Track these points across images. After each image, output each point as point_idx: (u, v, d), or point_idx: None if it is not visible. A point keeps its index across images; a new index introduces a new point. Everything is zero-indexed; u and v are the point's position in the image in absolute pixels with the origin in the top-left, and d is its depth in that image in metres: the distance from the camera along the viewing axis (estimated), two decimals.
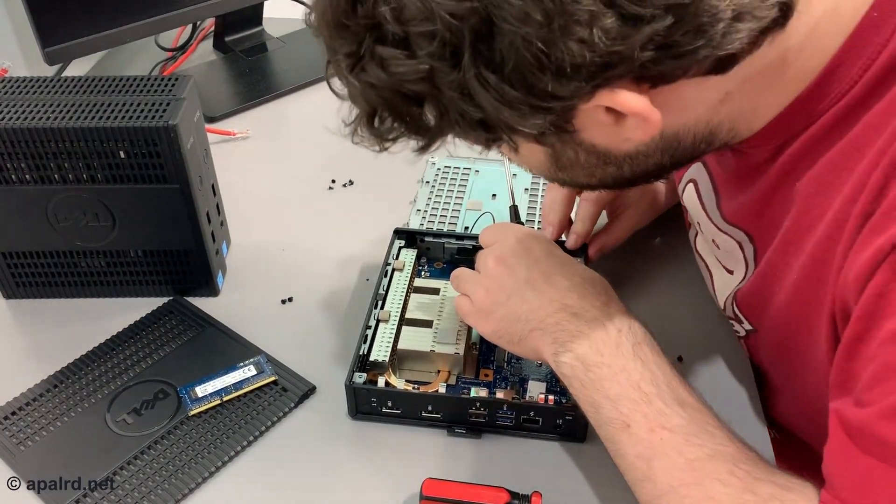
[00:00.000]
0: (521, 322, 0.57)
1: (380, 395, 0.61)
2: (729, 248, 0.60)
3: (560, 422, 0.59)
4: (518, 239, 0.61)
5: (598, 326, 0.54)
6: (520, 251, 0.60)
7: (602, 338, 0.53)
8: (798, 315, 0.52)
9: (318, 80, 1.07)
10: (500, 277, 0.59)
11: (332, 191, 0.88)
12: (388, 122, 0.46)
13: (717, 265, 0.64)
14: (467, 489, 0.54)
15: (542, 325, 0.55)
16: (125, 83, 0.68)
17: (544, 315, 0.56)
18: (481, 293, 0.59)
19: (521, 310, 0.57)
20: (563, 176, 0.53)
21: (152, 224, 0.68)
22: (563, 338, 0.54)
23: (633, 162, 0.50)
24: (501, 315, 0.58)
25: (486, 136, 0.45)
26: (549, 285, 0.57)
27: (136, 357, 0.67)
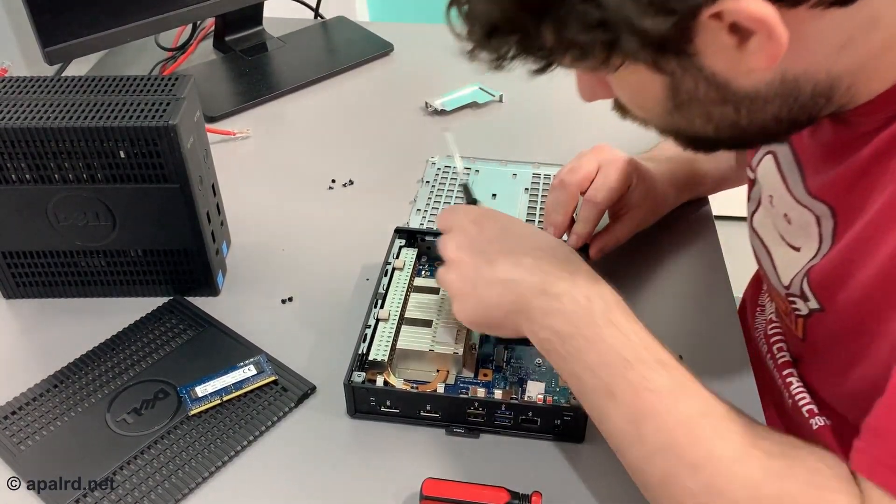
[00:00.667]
0: (493, 308, 0.56)
1: (378, 395, 0.61)
2: (803, 223, 0.59)
3: (558, 422, 0.59)
4: (472, 221, 0.60)
5: (568, 299, 0.53)
6: (475, 235, 0.59)
7: (573, 309, 0.53)
8: (881, 296, 0.51)
9: (318, 80, 1.07)
10: (462, 267, 0.58)
11: (332, 191, 0.88)
12: (507, 38, 0.45)
13: (780, 242, 0.63)
14: (467, 489, 0.54)
15: (514, 306, 0.55)
16: (125, 83, 0.68)
17: (514, 297, 0.55)
18: (452, 285, 0.58)
19: (490, 296, 0.56)
20: (679, 118, 0.51)
21: (152, 224, 0.68)
22: (536, 315, 0.54)
23: (752, 107, 0.48)
24: (473, 305, 0.57)
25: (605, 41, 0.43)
26: (511, 266, 0.56)
27: (136, 357, 0.67)
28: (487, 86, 1.04)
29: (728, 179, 0.83)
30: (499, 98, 1.02)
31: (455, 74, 1.08)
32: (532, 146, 0.94)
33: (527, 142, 0.96)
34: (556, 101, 1.04)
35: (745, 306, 0.85)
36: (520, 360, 0.65)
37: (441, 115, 1.00)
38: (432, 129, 0.98)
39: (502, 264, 0.56)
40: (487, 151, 0.91)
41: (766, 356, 0.73)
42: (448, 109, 1.00)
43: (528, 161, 0.89)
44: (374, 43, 1.14)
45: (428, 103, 1.00)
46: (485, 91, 1.03)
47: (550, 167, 0.88)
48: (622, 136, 0.98)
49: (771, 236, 0.65)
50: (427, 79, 1.08)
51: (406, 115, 1.00)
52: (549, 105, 1.03)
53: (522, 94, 1.04)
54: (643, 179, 0.73)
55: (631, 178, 0.72)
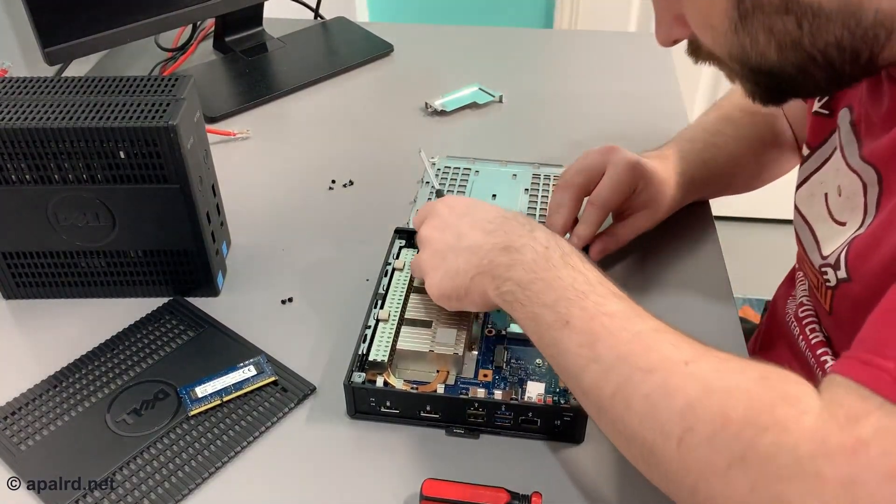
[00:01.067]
0: (460, 275, 0.59)
1: (378, 395, 0.61)
2: (851, 192, 0.59)
3: (558, 423, 0.59)
4: (442, 203, 0.64)
5: (527, 250, 0.55)
6: (444, 214, 0.63)
7: (532, 258, 0.55)
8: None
9: (318, 80, 1.07)
10: (433, 243, 0.62)
11: (332, 191, 0.88)
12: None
13: (825, 219, 0.63)
14: (467, 489, 0.54)
15: (478, 268, 0.57)
16: (125, 83, 0.68)
17: (478, 260, 0.57)
18: (424, 263, 0.62)
19: (458, 263, 0.59)
20: (744, 36, 0.51)
21: (152, 224, 0.68)
22: (500, 271, 0.56)
23: (814, 22, 0.48)
24: (441, 275, 0.60)
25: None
26: (476, 232, 0.59)
27: (136, 357, 0.67)
28: (487, 86, 1.04)
29: (735, 184, 0.83)
30: (499, 98, 1.02)
31: (455, 74, 1.08)
32: (532, 146, 0.94)
33: (527, 142, 0.96)
34: (556, 101, 1.04)
35: (777, 302, 0.84)
36: (520, 361, 0.65)
37: (441, 115, 1.00)
38: (432, 129, 0.98)
39: (468, 233, 0.60)
40: (487, 151, 0.91)
41: (797, 339, 0.73)
42: (448, 110, 1.00)
43: (528, 161, 0.89)
44: (374, 43, 1.14)
45: (428, 103, 1.00)
46: (485, 91, 1.03)
47: (550, 167, 0.88)
48: (622, 137, 0.98)
49: (815, 212, 0.66)
50: (427, 79, 1.08)
51: (406, 115, 1.00)
52: (549, 105, 1.03)
53: (522, 94, 1.04)
54: (650, 183, 0.73)
55: (637, 182, 0.72)
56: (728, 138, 0.80)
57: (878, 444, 0.38)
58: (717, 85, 1.86)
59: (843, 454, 0.38)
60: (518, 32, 1.23)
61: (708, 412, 0.43)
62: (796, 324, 0.73)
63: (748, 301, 1.90)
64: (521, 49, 1.18)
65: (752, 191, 0.86)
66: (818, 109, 0.68)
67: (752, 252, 2.00)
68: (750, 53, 0.53)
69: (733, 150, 0.80)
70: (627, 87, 1.06)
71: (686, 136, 0.81)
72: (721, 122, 0.82)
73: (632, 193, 0.73)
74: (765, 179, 0.86)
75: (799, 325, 0.73)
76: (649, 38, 1.22)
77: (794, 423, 0.40)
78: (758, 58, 0.52)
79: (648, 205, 0.74)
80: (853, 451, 0.38)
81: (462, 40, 1.19)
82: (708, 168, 0.79)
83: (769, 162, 0.84)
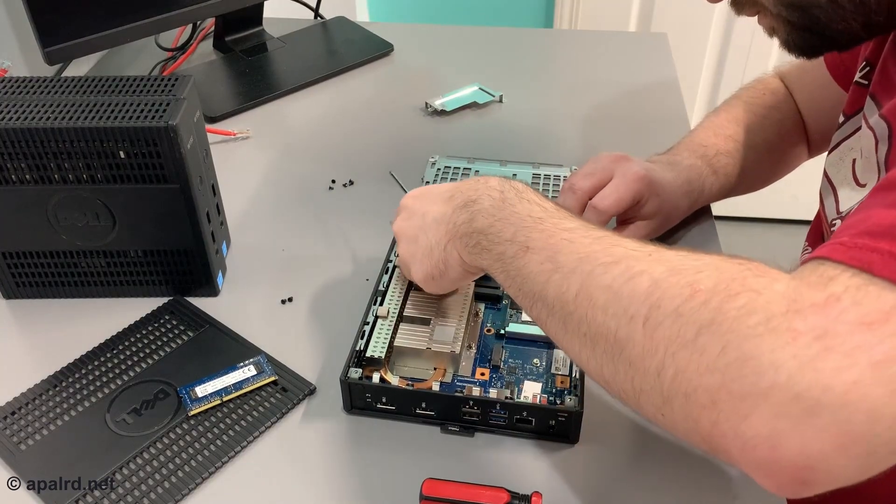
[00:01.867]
0: (435, 250, 0.59)
1: (374, 391, 0.61)
2: (869, 151, 0.59)
3: (553, 423, 0.59)
4: (405, 197, 0.65)
5: (483, 199, 0.55)
6: (409, 204, 0.63)
7: (490, 204, 0.55)
8: None
9: (318, 80, 1.07)
10: (405, 232, 0.62)
11: (332, 191, 0.88)
12: None
13: (849, 182, 0.64)
14: (467, 489, 0.54)
15: (448, 236, 0.57)
16: (125, 83, 0.68)
17: (445, 227, 0.58)
18: (403, 256, 0.63)
19: (429, 239, 0.59)
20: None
21: (152, 224, 0.69)
22: (464, 229, 0.56)
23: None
24: (419, 258, 0.61)
25: None
26: (437, 205, 0.59)
27: (136, 357, 0.67)
28: (487, 86, 1.04)
29: (742, 189, 0.83)
30: (499, 98, 1.02)
31: (455, 74, 1.08)
32: (532, 146, 0.94)
33: (527, 142, 0.96)
34: (556, 102, 1.04)
35: None
36: (517, 360, 0.65)
37: (441, 115, 1.00)
38: (432, 129, 0.98)
39: (430, 209, 0.60)
40: (487, 151, 0.91)
41: None
42: (448, 109, 1.00)
43: (528, 161, 0.89)
44: (374, 43, 1.14)
45: (428, 103, 1.00)
46: (485, 91, 1.03)
47: (550, 167, 0.88)
48: (622, 137, 0.99)
49: (841, 176, 0.66)
50: (427, 79, 1.08)
51: (406, 115, 1.00)
52: (549, 105, 1.03)
53: (522, 94, 1.04)
54: (656, 194, 0.73)
55: (643, 194, 0.72)
56: (739, 145, 0.80)
57: (849, 297, 0.37)
58: (717, 85, 1.86)
59: (814, 308, 0.37)
60: (518, 32, 1.23)
61: (675, 287, 0.41)
62: None
63: None
64: (521, 49, 1.18)
65: (753, 192, 0.86)
66: (858, 80, 0.68)
67: (752, 252, 2.00)
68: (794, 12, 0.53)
69: (744, 157, 0.80)
70: (627, 86, 1.06)
71: (697, 139, 0.80)
72: (732, 126, 0.81)
73: (636, 204, 0.72)
74: (771, 180, 0.86)
75: None
76: (649, 37, 1.23)
77: (765, 288, 0.39)
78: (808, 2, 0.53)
79: (654, 215, 0.74)
80: (824, 304, 0.37)
81: (462, 40, 1.20)
82: (718, 177, 0.78)
83: (777, 164, 0.85)
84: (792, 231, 2.04)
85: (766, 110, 0.83)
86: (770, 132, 0.82)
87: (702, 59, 1.83)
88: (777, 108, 0.83)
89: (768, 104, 0.83)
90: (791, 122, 0.83)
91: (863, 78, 0.67)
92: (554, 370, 0.63)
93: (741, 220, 2.07)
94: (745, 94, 0.85)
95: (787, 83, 0.85)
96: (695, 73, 1.85)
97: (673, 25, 1.68)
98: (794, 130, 0.84)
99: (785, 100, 0.84)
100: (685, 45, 1.73)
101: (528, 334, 0.66)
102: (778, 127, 0.82)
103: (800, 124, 0.84)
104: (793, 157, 0.85)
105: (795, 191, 1.55)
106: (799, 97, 0.84)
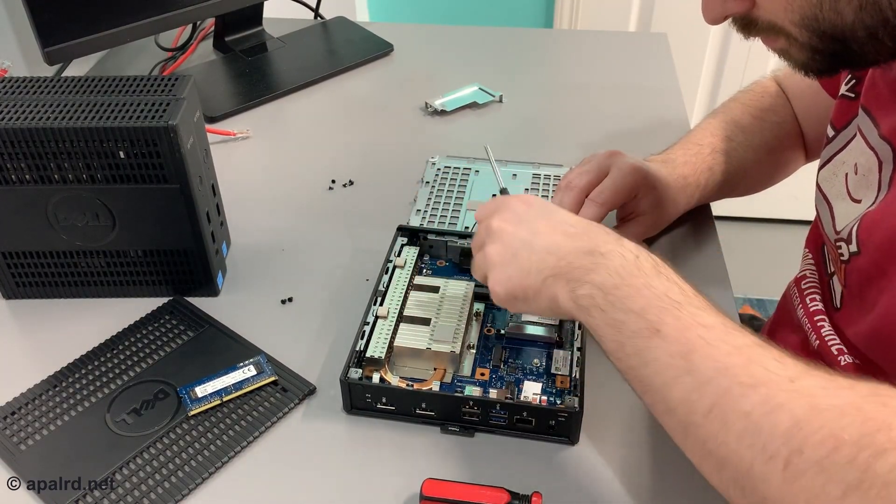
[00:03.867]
0: (532, 274, 0.54)
1: (374, 391, 0.61)
2: (867, 169, 0.59)
3: (553, 423, 0.59)
4: (517, 199, 0.59)
5: (614, 256, 0.51)
6: (520, 210, 0.58)
7: (620, 264, 0.50)
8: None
9: (318, 80, 1.07)
10: (504, 237, 0.56)
11: (332, 191, 0.88)
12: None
13: (843, 197, 0.64)
14: (467, 489, 0.54)
15: (554, 270, 0.53)
16: (125, 83, 0.68)
17: (555, 260, 0.53)
18: (492, 257, 0.57)
19: (531, 262, 0.54)
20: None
21: (152, 224, 0.69)
22: (579, 274, 0.52)
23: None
24: (510, 273, 0.55)
25: None
26: (555, 234, 0.54)
27: (136, 357, 0.67)
28: (487, 86, 1.04)
29: (739, 190, 0.83)
30: (499, 98, 1.02)
31: (455, 74, 1.08)
32: (532, 146, 0.94)
33: (527, 142, 0.96)
34: (555, 101, 1.04)
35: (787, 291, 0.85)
36: (518, 361, 0.65)
37: (441, 115, 1.00)
38: (432, 129, 0.98)
39: (546, 233, 0.55)
40: None
41: (797, 308, 0.73)
42: (448, 109, 1.00)
43: (528, 161, 0.89)
44: (374, 43, 1.14)
45: (428, 103, 1.00)
46: (485, 91, 1.03)
47: (550, 167, 0.88)
48: (622, 137, 0.99)
49: (835, 190, 0.66)
50: (427, 79, 1.08)
51: (406, 115, 1.00)
52: (549, 105, 1.03)
53: (522, 94, 1.04)
54: (653, 188, 0.73)
55: (639, 186, 0.72)
56: (736, 144, 0.80)
57: None
58: (717, 85, 1.86)
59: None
60: (518, 32, 1.23)
61: (818, 433, 0.39)
62: (797, 293, 0.74)
63: (748, 301, 1.90)
64: (521, 49, 1.18)
65: (752, 194, 0.86)
66: (845, 93, 0.68)
67: (752, 252, 2.00)
68: (825, 16, 0.50)
69: (741, 157, 0.80)
70: (627, 86, 1.06)
71: (693, 139, 0.81)
72: (729, 127, 0.81)
73: (633, 198, 0.72)
74: (768, 184, 0.86)
75: (800, 294, 0.74)
76: (649, 37, 1.23)
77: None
78: (832, 20, 0.50)
79: (652, 210, 0.74)
80: None
81: (462, 40, 1.20)
82: (714, 174, 0.78)
83: (774, 167, 0.85)
84: (792, 231, 2.04)
85: (764, 112, 0.83)
86: (768, 134, 0.82)
87: (702, 59, 1.83)
88: (775, 111, 0.83)
89: (766, 107, 0.83)
90: (789, 126, 0.83)
91: (849, 91, 0.67)
92: (554, 370, 0.63)
93: (741, 220, 2.07)
94: (743, 97, 0.85)
95: (783, 87, 0.85)
96: (695, 73, 1.85)
97: (673, 25, 1.68)
98: (792, 133, 0.84)
99: (783, 103, 0.84)
100: (685, 45, 1.73)
101: (528, 334, 0.66)
102: (776, 129, 0.82)
103: (797, 128, 0.84)
104: (791, 160, 0.86)
105: (795, 191, 1.55)
106: (795, 101, 0.84)
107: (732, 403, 0.43)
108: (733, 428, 0.42)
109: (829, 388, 0.42)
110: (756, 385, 0.42)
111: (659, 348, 0.47)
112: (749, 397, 0.42)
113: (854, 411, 0.40)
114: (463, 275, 0.73)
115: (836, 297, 0.69)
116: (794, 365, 0.44)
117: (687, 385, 0.45)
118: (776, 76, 0.87)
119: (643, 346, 0.47)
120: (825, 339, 0.67)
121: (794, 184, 0.92)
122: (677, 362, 0.46)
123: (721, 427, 0.43)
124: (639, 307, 0.48)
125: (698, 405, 0.44)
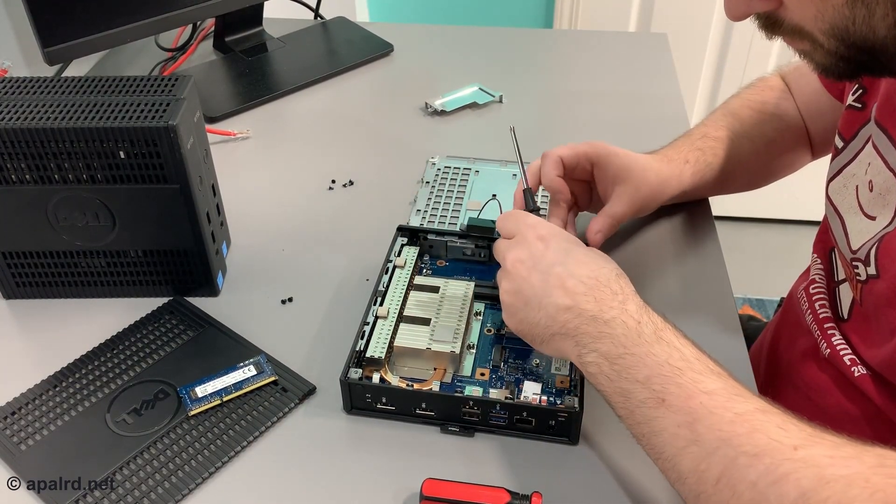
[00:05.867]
0: (539, 327, 0.57)
1: (374, 391, 0.61)
2: (885, 189, 0.59)
3: (553, 423, 0.59)
4: (538, 237, 0.59)
5: (617, 324, 0.53)
6: (537, 249, 0.59)
7: (623, 332, 0.52)
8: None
9: (318, 80, 1.07)
10: (517, 281, 0.58)
11: (332, 191, 0.88)
12: None
13: (855, 211, 0.63)
14: (467, 489, 0.54)
15: (562, 330, 0.55)
16: (125, 83, 0.68)
17: (563, 322, 0.55)
18: (505, 294, 0.59)
19: (539, 316, 0.56)
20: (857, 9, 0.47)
21: (152, 224, 0.69)
22: (585, 340, 0.54)
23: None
24: (520, 319, 0.58)
25: None
26: (564, 292, 0.56)
27: (136, 357, 0.67)
28: (487, 86, 1.04)
29: (738, 183, 0.82)
30: (499, 98, 1.02)
31: (455, 74, 1.08)
32: (532, 146, 0.94)
33: (527, 142, 0.95)
34: (555, 101, 1.04)
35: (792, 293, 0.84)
36: (518, 360, 0.65)
37: (441, 115, 1.00)
38: (432, 129, 0.98)
39: (555, 290, 0.56)
40: (487, 151, 0.91)
41: (805, 312, 0.73)
42: (448, 110, 1.00)
43: (528, 161, 0.89)
44: (374, 43, 1.14)
45: (428, 103, 1.00)
46: (485, 91, 1.03)
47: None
48: (622, 137, 0.98)
49: (847, 204, 0.65)
50: (427, 79, 1.08)
51: (406, 115, 1.00)
52: (549, 105, 1.03)
53: (522, 95, 1.04)
54: (615, 154, 0.72)
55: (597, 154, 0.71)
56: (731, 133, 0.80)
57: None
58: (717, 85, 1.86)
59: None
60: (518, 32, 1.23)
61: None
62: (806, 299, 0.74)
63: (748, 301, 1.90)
64: (521, 49, 1.18)
65: (755, 189, 0.86)
66: (852, 103, 0.68)
67: (752, 252, 2.00)
68: (857, 29, 0.49)
69: (736, 146, 0.79)
70: (627, 87, 1.06)
71: (689, 132, 0.81)
72: (727, 119, 0.81)
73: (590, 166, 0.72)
74: (769, 179, 0.86)
75: (809, 300, 0.73)
76: (649, 38, 1.23)
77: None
78: (863, 34, 0.49)
79: (620, 181, 0.72)
80: None
81: (462, 40, 1.20)
82: (704, 153, 0.78)
83: (774, 161, 0.84)
84: (792, 231, 2.04)
85: (763, 105, 0.83)
86: (767, 126, 0.82)
87: (702, 59, 1.83)
88: (776, 104, 0.83)
89: (766, 100, 0.83)
90: (791, 120, 0.83)
91: (856, 101, 0.67)
92: (554, 370, 0.63)
93: (741, 220, 2.07)
94: (744, 92, 0.85)
95: (787, 83, 0.85)
96: (695, 73, 1.85)
97: (673, 25, 1.68)
98: (795, 128, 0.83)
99: (785, 97, 0.84)
100: (685, 45, 1.73)
101: None
102: (776, 122, 0.82)
103: (800, 123, 0.83)
104: (794, 156, 0.85)
105: (796, 191, 1.55)
106: (798, 98, 0.84)
107: (739, 473, 0.44)
108: (742, 497, 0.43)
109: (836, 456, 0.42)
110: (759, 454, 0.43)
111: (666, 418, 0.48)
112: (755, 467, 0.43)
113: (862, 482, 0.40)
114: (463, 275, 0.73)
115: (844, 307, 0.69)
116: (797, 431, 0.44)
117: (695, 455, 0.46)
118: (780, 72, 0.87)
119: (651, 416, 0.49)
120: (836, 348, 0.67)
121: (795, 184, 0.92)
122: (683, 432, 0.47)
123: (731, 496, 0.44)
124: (643, 377, 0.50)
125: (707, 475, 0.45)
